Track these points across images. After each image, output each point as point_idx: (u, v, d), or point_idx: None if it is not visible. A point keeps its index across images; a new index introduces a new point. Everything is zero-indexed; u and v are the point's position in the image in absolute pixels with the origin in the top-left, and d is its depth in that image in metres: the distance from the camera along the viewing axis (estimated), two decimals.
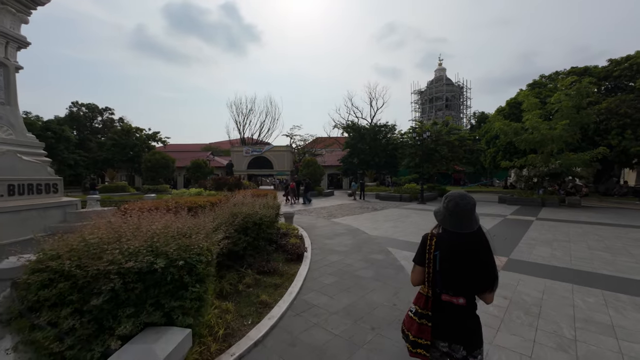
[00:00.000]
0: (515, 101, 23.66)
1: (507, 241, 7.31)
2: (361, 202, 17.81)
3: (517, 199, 16.21)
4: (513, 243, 7.09)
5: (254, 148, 39.06)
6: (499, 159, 24.70)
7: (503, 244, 6.96)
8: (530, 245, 6.85)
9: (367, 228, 9.07)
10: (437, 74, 55.75)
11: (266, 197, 6.94)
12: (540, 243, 7.11)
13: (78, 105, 40.99)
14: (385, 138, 31.29)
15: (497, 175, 39.91)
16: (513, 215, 11.79)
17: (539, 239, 7.59)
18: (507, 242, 7.24)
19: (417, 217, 11.53)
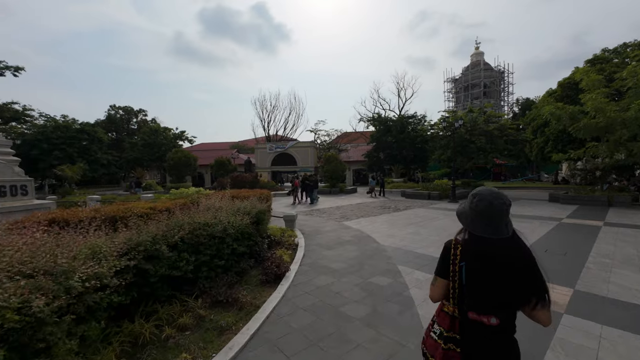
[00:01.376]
0: (570, 81, 20.14)
1: (568, 259, 5.39)
2: (383, 201, 16.09)
3: (574, 197, 13.45)
4: (577, 263, 5.17)
5: (278, 144, 38.50)
6: (548, 150, 21.37)
7: (561, 264, 5.08)
8: (605, 267, 4.90)
9: (380, 235, 7.55)
10: (473, 58, 50.99)
11: (250, 199, 5.75)
12: (619, 263, 5.10)
13: (115, 109, 43.43)
14: (414, 130, 28.85)
15: (546, 169, 35.35)
16: (571, 219, 9.45)
17: (616, 255, 5.54)
18: (568, 260, 5.32)
19: (445, 219, 9.70)
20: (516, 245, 1.32)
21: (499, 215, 1.30)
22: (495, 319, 1.29)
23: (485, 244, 1.30)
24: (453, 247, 1.40)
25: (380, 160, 30.61)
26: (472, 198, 1.37)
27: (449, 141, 19.27)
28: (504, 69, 47.55)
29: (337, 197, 19.17)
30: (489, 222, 1.31)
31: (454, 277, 1.35)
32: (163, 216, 4.01)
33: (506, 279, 1.25)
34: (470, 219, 1.36)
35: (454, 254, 1.37)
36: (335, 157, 23.56)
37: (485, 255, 1.28)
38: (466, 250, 1.35)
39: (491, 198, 1.31)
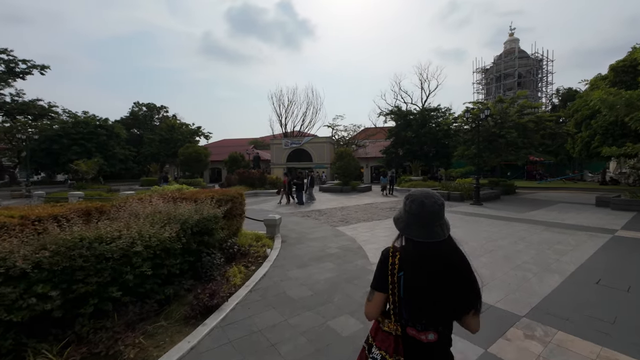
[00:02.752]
0: (626, 63, 17.10)
1: (634, 299, 3.71)
2: (395, 201, 14.47)
3: (630, 201, 11.07)
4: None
5: (293, 140, 37.57)
6: (595, 146, 18.46)
7: (626, 309, 3.44)
8: None
9: (375, 246, 6.15)
10: (507, 46, 46.67)
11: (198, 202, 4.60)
12: None
13: (139, 105, 44.65)
14: (437, 124, 26.57)
15: (590, 167, 31.39)
16: (629, 231, 7.43)
17: None
18: (635, 301, 3.65)
19: (460, 228, 8.04)
20: (452, 248, 1.24)
21: (432, 216, 1.19)
22: (434, 334, 1.18)
23: (422, 248, 1.19)
24: (391, 255, 1.24)
25: (398, 156, 28.64)
26: (405, 200, 1.26)
27: (474, 135, 17.10)
28: (543, 57, 43.00)
29: (347, 196, 17.77)
30: (423, 224, 1.19)
31: (393, 290, 1.20)
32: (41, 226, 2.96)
33: (446, 287, 1.15)
34: (405, 223, 1.24)
35: (392, 263, 1.21)
36: (348, 152, 22.07)
37: (425, 261, 1.17)
38: (404, 258, 1.20)
39: (423, 198, 1.21)
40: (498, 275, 4.48)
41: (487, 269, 4.74)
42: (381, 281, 1.23)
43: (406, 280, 1.17)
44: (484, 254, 5.57)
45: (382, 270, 1.24)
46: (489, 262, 5.04)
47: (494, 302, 3.55)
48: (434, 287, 1.13)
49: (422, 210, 1.18)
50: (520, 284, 4.15)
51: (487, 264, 4.94)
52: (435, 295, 1.14)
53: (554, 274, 4.50)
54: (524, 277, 4.39)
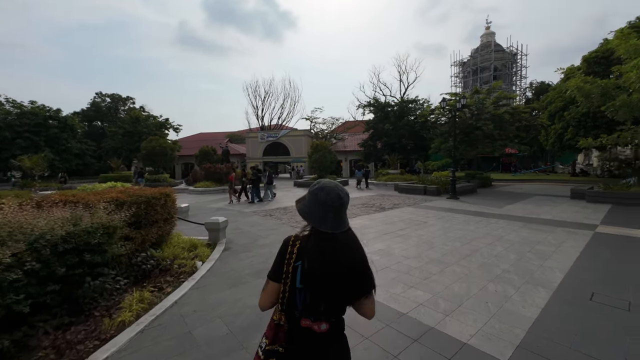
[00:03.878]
0: (598, 55, 17.06)
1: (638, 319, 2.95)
2: (369, 197, 13.65)
3: (604, 193, 10.81)
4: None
5: (269, 133, 36.05)
6: (568, 138, 18.50)
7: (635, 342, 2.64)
8: None
9: None
10: (483, 39, 47.04)
11: (91, 207, 3.39)
12: None
13: (101, 96, 41.32)
14: (415, 116, 26.06)
15: (561, 159, 32.22)
16: (609, 227, 6.91)
17: None
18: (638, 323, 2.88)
19: (435, 226, 7.26)
20: (353, 239, 1.22)
21: (341, 207, 1.17)
22: (326, 324, 1.16)
23: (326, 238, 1.15)
24: (291, 244, 1.20)
25: (377, 149, 28.00)
26: (314, 188, 1.20)
27: (451, 127, 16.55)
28: (517, 51, 43.65)
29: None
30: (332, 215, 1.16)
31: (285, 280, 1.16)
32: None
33: (345, 277, 1.13)
34: (313, 213, 1.18)
35: (290, 252, 1.18)
36: (324, 145, 21.04)
37: (326, 252, 1.13)
38: (305, 248, 1.16)
39: (335, 187, 1.18)
40: (473, 291, 3.62)
41: (461, 282, 3.88)
42: (278, 270, 1.19)
43: (307, 269, 1.12)
44: (459, 260, 4.74)
45: (280, 259, 1.20)
46: (463, 273, 4.18)
47: (468, 338, 2.65)
48: (333, 277, 1.11)
49: (333, 201, 1.15)
50: (501, 303, 3.30)
51: (461, 276, 4.08)
52: (333, 285, 1.12)
53: (539, 287, 3.70)
54: (505, 293, 3.55)
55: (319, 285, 1.11)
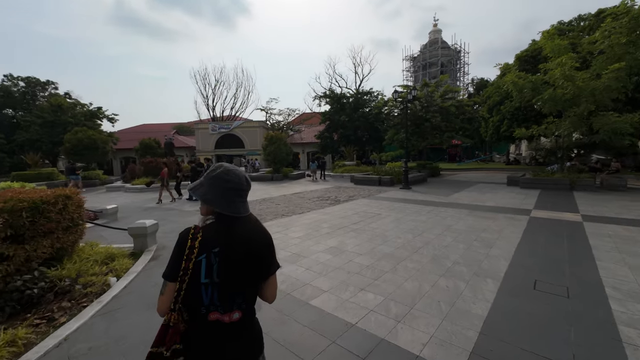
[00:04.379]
0: (528, 54, 18.76)
1: (576, 307, 2.97)
2: (325, 189, 13.39)
3: (534, 179, 11.90)
4: (599, 319, 2.77)
5: (222, 125, 33.97)
6: (503, 130, 20.24)
7: (581, 330, 2.61)
8: None
9: (283, 254, 4.70)
10: (431, 36, 49.60)
11: None
12: None
13: (13, 79, 34.85)
14: (370, 108, 26.45)
15: (498, 149, 35.61)
16: (541, 211, 7.47)
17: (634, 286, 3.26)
18: (579, 310, 2.90)
19: (390, 217, 7.17)
20: (255, 221, 1.18)
21: (247, 190, 1.16)
22: (238, 312, 1.11)
23: (238, 223, 1.11)
24: (191, 237, 1.07)
25: (333, 141, 27.96)
26: (216, 172, 1.12)
27: (403, 119, 16.97)
28: (461, 48, 46.86)
29: (277, 185, 16.13)
30: (241, 198, 1.13)
31: (183, 277, 1.05)
32: None
33: (258, 258, 1.12)
34: (219, 197, 1.10)
35: (192, 247, 1.06)
36: (279, 137, 20.24)
37: (240, 235, 1.09)
38: (209, 239, 1.07)
39: (239, 171, 1.15)
40: (426, 288, 3.43)
41: (413, 279, 3.67)
42: (176, 269, 1.07)
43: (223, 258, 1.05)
44: (411, 254, 4.58)
45: (178, 256, 1.07)
46: (415, 269, 4.00)
47: (421, 349, 2.38)
48: (248, 260, 1.08)
49: (241, 184, 1.13)
50: (453, 301, 3.13)
51: (413, 272, 3.89)
52: (247, 269, 1.09)
53: (487, 279, 3.64)
54: (456, 288, 3.42)
55: (234, 271, 1.07)
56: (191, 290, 1.06)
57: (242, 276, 1.08)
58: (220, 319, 1.08)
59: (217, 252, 1.05)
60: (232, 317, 1.09)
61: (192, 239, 1.06)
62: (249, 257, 1.08)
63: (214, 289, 1.06)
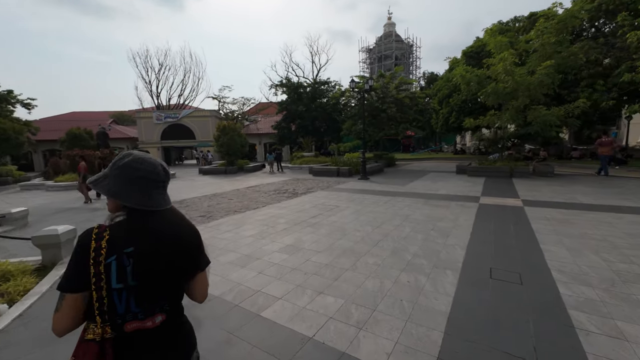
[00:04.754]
0: (473, 49, 20.01)
1: (528, 293, 3.00)
2: (283, 182, 12.90)
3: (479, 168, 12.79)
4: (550, 304, 2.80)
5: (168, 113, 31.06)
6: (452, 121, 21.53)
7: (539, 322, 2.58)
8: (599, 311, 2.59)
9: (234, 257, 4.18)
10: (386, 29, 50.83)
11: None
12: (611, 292, 2.91)
13: None
14: (327, 98, 26.22)
15: (446, 140, 38.17)
16: (488, 197, 7.92)
17: (588, 272, 3.42)
18: (532, 298, 2.92)
19: (348, 209, 6.98)
20: (177, 214, 1.05)
21: (166, 181, 1.03)
22: (162, 315, 0.99)
23: (156, 217, 0.97)
24: (95, 238, 0.91)
25: (291, 132, 27.30)
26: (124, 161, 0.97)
27: (360, 109, 17.03)
28: (413, 43, 48.82)
29: (231, 179, 15.18)
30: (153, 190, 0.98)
31: (98, 283, 0.88)
32: None
33: (177, 260, 0.97)
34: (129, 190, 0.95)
35: (98, 248, 0.89)
36: (233, 127, 19.03)
37: (159, 230, 0.95)
38: (120, 237, 0.91)
39: (153, 160, 1.01)
40: (387, 286, 3.22)
41: (375, 276, 3.46)
42: (77, 278, 0.90)
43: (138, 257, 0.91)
44: (371, 248, 4.39)
45: (80, 261, 0.90)
46: (376, 265, 3.80)
47: (386, 359, 2.13)
48: (166, 263, 0.94)
49: (158, 174, 1.00)
50: (415, 298, 2.96)
51: (375, 269, 3.68)
52: (166, 272, 0.95)
53: (447, 270, 3.57)
54: (417, 283, 3.27)
55: (153, 272, 0.93)
56: (101, 299, 0.90)
57: (163, 277, 0.96)
58: (141, 327, 0.95)
59: (131, 252, 0.91)
60: (155, 322, 0.97)
61: (96, 240, 0.91)
62: (170, 254, 0.96)
63: (129, 294, 0.92)
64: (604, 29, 17.06)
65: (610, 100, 13.63)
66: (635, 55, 12.41)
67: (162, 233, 0.96)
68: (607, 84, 14.13)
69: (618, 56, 14.00)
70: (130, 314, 0.93)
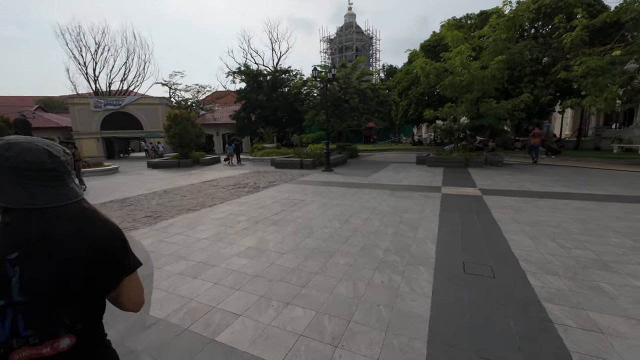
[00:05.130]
0: (431, 43, 20.66)
1: (501, 286, 2.93)
2: (243, 175, 12.13)
3: (437, 158, 13.28)
4: (524, 301, 2.74)
5: (109, 100, 27.71)
6: (411, 113, 22.21)
7: (521, 320, 2.48)
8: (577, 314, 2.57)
9: (182, 267, 3.58)
10: (347, 19, 50.75)
11: None
12: (587, 287, 2.94)
13: None
14: (289, 87, 25.39)
15: (404, 132, 39.65)
16: (449, 187, 8.13)
17: (552, 262, 3.49)
18: (507, 294, 2.85)
19: (314, 203, 6.64)
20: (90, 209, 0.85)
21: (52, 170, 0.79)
22: (70, 338, 0.78)
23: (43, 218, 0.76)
24: None
25: (251, 122, 26.07)
26: None
27: (322, 99, 16.67)
28: (373, 35, 49.46)
29: (185, 173, 13.94)
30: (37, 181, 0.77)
31: None
32: None
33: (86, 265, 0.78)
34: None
35: None
36: (186, 116, 17.45)
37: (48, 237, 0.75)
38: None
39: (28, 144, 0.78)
40: (361, 290, 2.94)
41: (347, 279, 3.15)
42: None
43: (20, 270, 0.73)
44: (340, 245, 4.09)
45: None
46: (348, 265, 3.50)
47: None
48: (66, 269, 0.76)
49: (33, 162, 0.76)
50: (393, 302, 2.71)
51: (347, 270, 3.38)
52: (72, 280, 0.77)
53: (420, 267, 3.40)
54: (392, 284, 3.03)
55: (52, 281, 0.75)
56: None
57: (66, 286, 0.76)
58: (36, 355, 0.75)
59: (15, 258, 0.72)
60: (58, 347, 0.77)
61: None
62: (72, 260, 0.77)
63: (16, 313, 0.72)
64: (542, 30, 18.67)
65: (548, 96, 15.00)
66: (569, 55, 13.70)
67: (58, 234, 0.76)
68: (546, 80, 15.52)
69: (554, 55, 15.40)
70: (18, 339, 0.74)
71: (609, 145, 16.69)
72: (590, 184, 8.20)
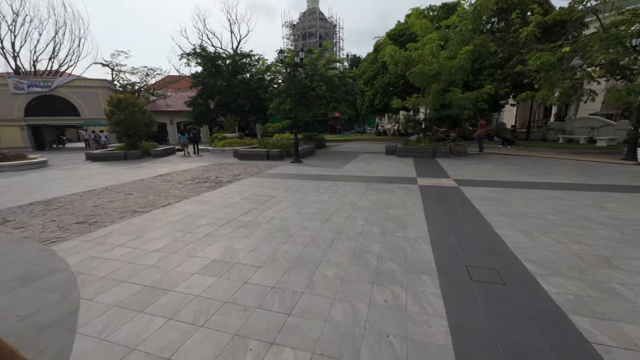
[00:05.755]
0: (396, 32, 20.53)
1: (510, 294, 2.57)
2: (203, 168, 10.90)
3: (406, 148, 13.24)
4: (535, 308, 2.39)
5: (34, 81, 23.56)
6: (377, 103, 22.13)
7: None
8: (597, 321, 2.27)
9: (116, 302, 2.69)
10: (309, 4, 49.11)
11: None
12: (597, 290, 2.69)
13: None
14: (250, 73, 23.77)
15: (368, 122, 39.98)
16: (424, 179, 7.92)
17: (545, 259, 3.25)
18: (518, 304, 2.49)
19: (287, 200, 5.93)
20: None
21: None
22: None
23: None
24: None
25: (209, 109, 24.06)
26: None
27: (289, 86, 15.69)
28: (337, 23, 48.61)
29: (134, 166, 12.21)
30: None
31: None
32: None
33: None
34: None
35: None
36: (131, 101, 15.29)
37: None
38: None
39: None
40: (363, 313, 2.38)
41: (342, 299, 2.56)
42: None
43: None
44: (325, 252, 3.49)
45: None
46: (338, 279, 2.91)
47: None
48: None
49: None
50: (404, 330, 2.18)
51: (338, 285, 2.79)
52: None
53: (422, 275, 2.94)
54: (397, 301, 2.51)
55: None
56: None
57: None
58: None
59: None
60: None
61: None
62: None
63: None
64: (498, 25, 19.51)
65: (505, 89, 15.74)
66: (523, 50, 14.37)
67: None
68: (503, 73, 16.25)
69: (510, 50, 16.13)
70: None
71: (555, 136, 18.21)
72: (551, 173, 8.58)
